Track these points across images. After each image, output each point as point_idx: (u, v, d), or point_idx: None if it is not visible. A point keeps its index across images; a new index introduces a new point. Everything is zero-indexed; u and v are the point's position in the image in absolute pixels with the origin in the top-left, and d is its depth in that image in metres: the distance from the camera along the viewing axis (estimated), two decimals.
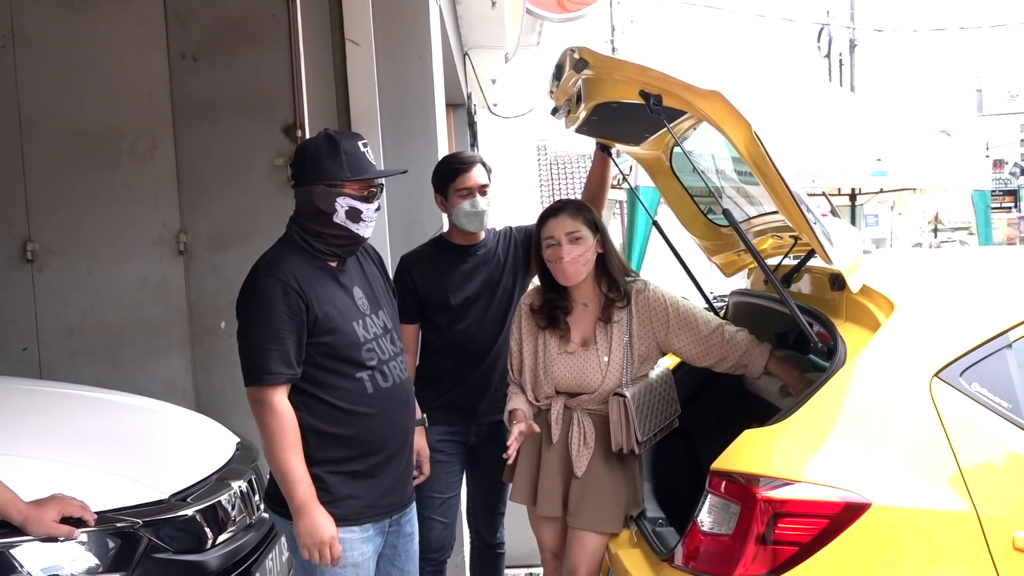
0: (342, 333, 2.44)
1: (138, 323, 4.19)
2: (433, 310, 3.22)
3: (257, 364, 2.35)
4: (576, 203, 2.86)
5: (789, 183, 2.20)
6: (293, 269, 2.41)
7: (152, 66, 4.14)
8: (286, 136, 4.05)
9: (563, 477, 2.78)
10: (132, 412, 3.25)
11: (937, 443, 2.10)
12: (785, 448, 2.16)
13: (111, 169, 4.15)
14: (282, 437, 2.34)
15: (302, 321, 2.38)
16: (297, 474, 2.35)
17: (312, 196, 2.44)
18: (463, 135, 10.41)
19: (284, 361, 2.35)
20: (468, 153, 3.29)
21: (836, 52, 22.90)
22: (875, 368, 2.20)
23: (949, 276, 2.70)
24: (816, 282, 2.72)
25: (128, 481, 2.62)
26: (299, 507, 2.36)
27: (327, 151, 2.43)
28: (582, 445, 2.73)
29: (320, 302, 2.42)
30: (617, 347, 2.73)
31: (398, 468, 2.56)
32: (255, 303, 2.39)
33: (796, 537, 2.05)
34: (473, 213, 3.17)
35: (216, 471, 2.92)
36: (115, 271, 4.18)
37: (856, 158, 7.27)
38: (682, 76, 2.31)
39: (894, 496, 2.05)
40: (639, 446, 2.70)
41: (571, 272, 2.73)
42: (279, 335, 2.35)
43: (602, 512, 2.73)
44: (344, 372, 2.44)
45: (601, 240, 2.77)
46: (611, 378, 2.72)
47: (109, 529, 2.44)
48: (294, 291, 2.37)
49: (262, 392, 2.35)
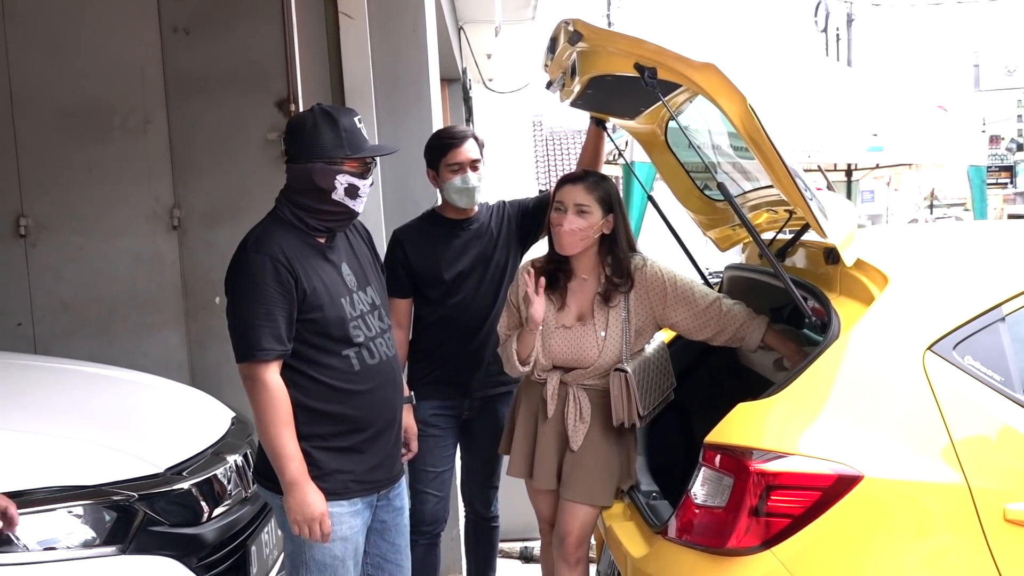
0: (330, 309, 2.43)
1: (132, 299, 4.19)
2: (426, 284, 3.21)
3: (248, 340, 2.34)
4: (598, 177, 2.84)
5: (784, 157, 2.20)
6: (282, 244, 2.40)
7: (144, 40, 4.11)
8: (279, 110, 4.03)
9: (558, 451, 2.80)
10: (127, 386, 3.26)
11: (930, 416, 2.11)
12: (778, 421, 2.17)
13: (104, 144, 4.13)
14: (274, 413, 2.34)
15: (292, 297, 2.37)
16: (288, 450, 2.35)
17: (311, 173, 2.42)
18: (458, 110, 10.37)
19: (275, 337, 2.34)
20: (460, 127, 3.28)
21: (833, 26, 22.79)
22: (868, 341, 2.20)
23: (943, 250, 2.70)
24: (811, 256, 2.72)
25: (123, 455, 2.64)
26: (290, 483, 2.36)
27: (327, 128, 2.41)
28: (578, 420, 2.75)
29: (308, 278, 2.41)
30: (615, 323, 2.73)
31: (386, 445, 2.56)
32: (244, 279, 2.38)
33: (789, 509, 2.07)
34: (464, 189, 3.16)
35: (211, 445, 2.94)
36: (108, 246, 4.17)
37: (852, 133, 7.26)
38: (677, 48, 2.30)
39: (886, 468, 2.06)
40: (640, 420, 2.72)
41: (565, 242, 2.73)
42: (270, 311, 2.34)
43: (595, 485, 2.75)
44: (331, 349, 2.44)
45: (613, 220, 2.75)
46: (607, 353, 2.73)
47: (105, 502, 2.46)
48: (283, 267, 2.36)
49: (253, 368, 2.35)
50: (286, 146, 2.51)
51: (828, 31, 22.55)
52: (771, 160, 2.24)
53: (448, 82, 9.92)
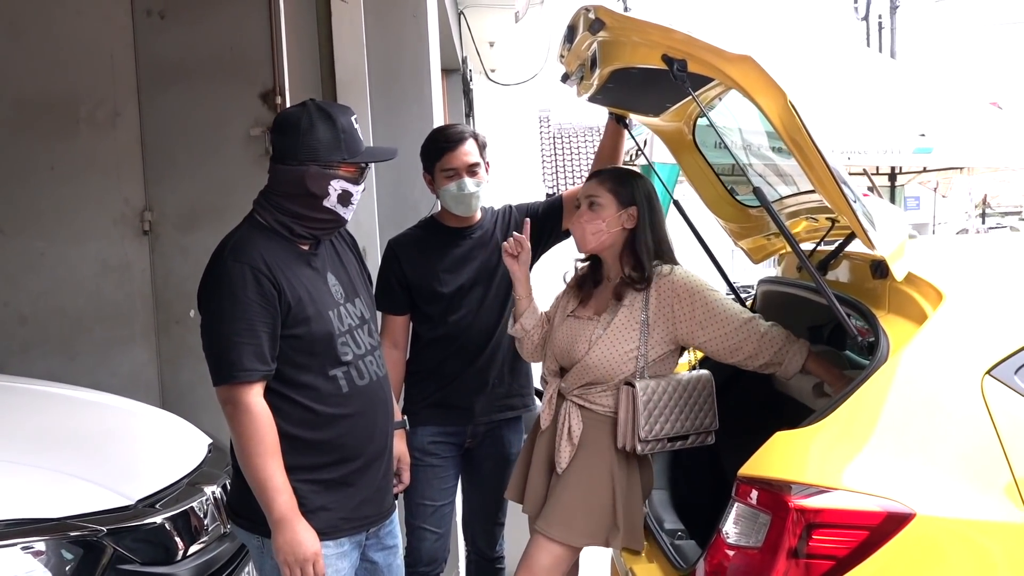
0: (316, 324, 2.42)
1: (98, 310, 4.20)
2: (424, 300, 3.22)
3: (228, 360, 2.31)
4: (613, 171, 2.91)
5: (827, 158, 2.21)
6: (263, 252, 2.38)
7: (114, 24, 4.13)
8: (264, 103, 4.05)
9: (548, 473, 2.83)
10: (95, 409, 3.27)
11: (989, 447, 2.11)
12: (821, 452, 2.17)
13: (68, 139, 4.15)
14: (259, 442, 2.31)
15: (276, 311, 2.35)
16: (276, 482, 2.32)
17: (304, 177, 2.40)
18: (457, 103, 10.40)
19: (258, 356, 2.31)
20: (459, 127, 3.28)
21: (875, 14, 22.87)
22: (921, 364, 2.21)
23: (1003, 264, 2.72)
24: (856, 269, 2.73)
25: (91, 485, 2.64)
26: (279, 520, 2.32)
27: (324, 128, 2.40)
28: (565, 438, 2.75)
29: (293, 289, 2.39)
30: (622, 326, 2.73)
31: (376, 476, 2.55)
32: (223, 292, 2.34)
33: (832, 550, 2.07)
34: (460, 196, 3.16)
35: (187, 475, 2.94)
36: (72, 252, 4.18)
37: (897, 133, 7.28)
38: (709, 39, 2.32)
39: (940, 506, 2.07)
40: (641, 444, 2.68)
41: (577, 236, 2.83)
42: (252, 327, 2.31)
43: (561, 517, 2.73)
44: (317, 369, 2.42)
45: (637, 214, 2.79)
46: (598, 354, 2.72)
47: (68, 538, 2.46)
48: (266, 277, 2.34)
49: (235, 391, 2.31)
50: (274, 144, 2.50)
51: (869, 19, 22.62)
52: (813, 163, 2.25)
53: (447, 73, 9.95)
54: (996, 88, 26.98)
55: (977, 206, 26.58)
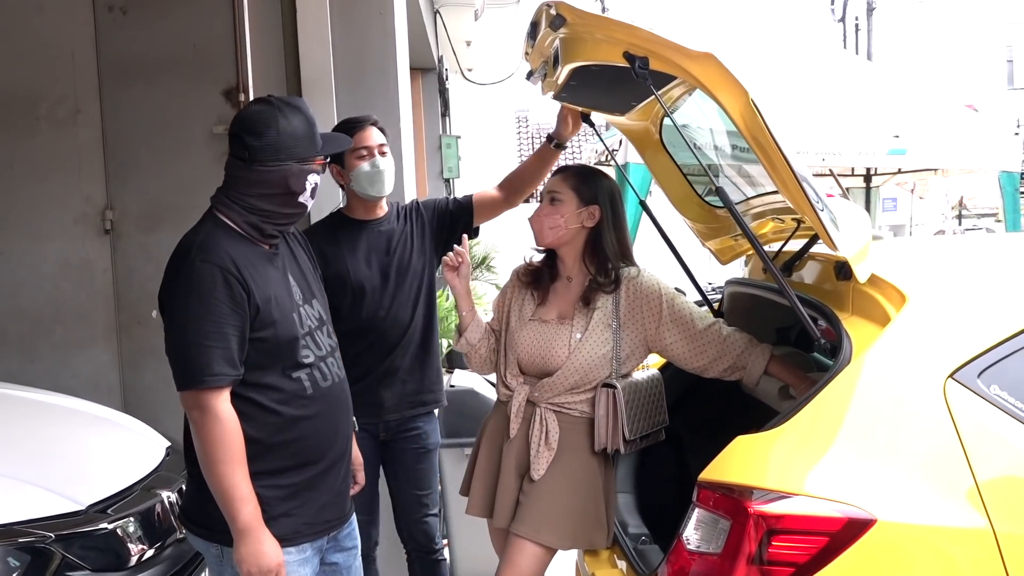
0: (282, 326, 2.37)
1: (58, 311, 4.16)
2: (333, 292, 3.16)
3: (196, 365, 2.24)
4: (579, 168, 2.91)
5: (790, 158, 2.19)
6: (229, 251, 2.31)
7: (75, 19, 4.10)
8: (227, 100, 4.02)
9: (519, 481, 2.78)
10: (47, 411, 3.23)
11: (951, 452, 2.09)
12: (781, 457, 2.15)
13: (27, 137, 4.12)
14: (225, 448, 2.24)
15: (245, 313, 2.29)
16: (242, 491, 2.26)
17: (287, 176, 2.35)
18: (433, 103, 10.37)
19: (227, 360, 2.25)
20: (361, 115, 3.33)
21: (852, 16, 22.99)
22: (883, 368, 2.19)
23: (968, 266, 2.70)
24: (820, 271, 2.71)
25: (39, 490, 2.62)
26: (243, 530, 2.26)
27: (299, 124, 2.36)
28: (542, 445, 2.71)
29: (261, 290, 2.34)
30: (596, 330, 2.72)
31: (336, 479, 2.52)
32: (191, 293, 2.27)
33: (792, 557, 2.04)
34: (375, 173, 3.21)
35: (142, 479, 2.92)
36: (32, 252, 4.15)
37: (871, 134, 7.28)
38: (672, 36, 2.29)
39: (902, 511, 2.05)
40: (626, 445, 2.69)
41: (535, 229, 2.82)
42: (221, 330, 2.25)
43: (547, 521, 2.70)
44: (281, 371, 2.38)
45: (599, 215, 2.77)
46: (578, 359, 2.70)
47: (15, 544, 2.42)
48: (235, 278, 2.28)
49: (203, 397, 2.25)
50: (245, 145, 2.35)
51: (846, 21, 22.75)
52: (775, 162, 2.23)
53: (422, 72, 9.92)
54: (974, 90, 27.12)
55: (954, 208, 26.76)
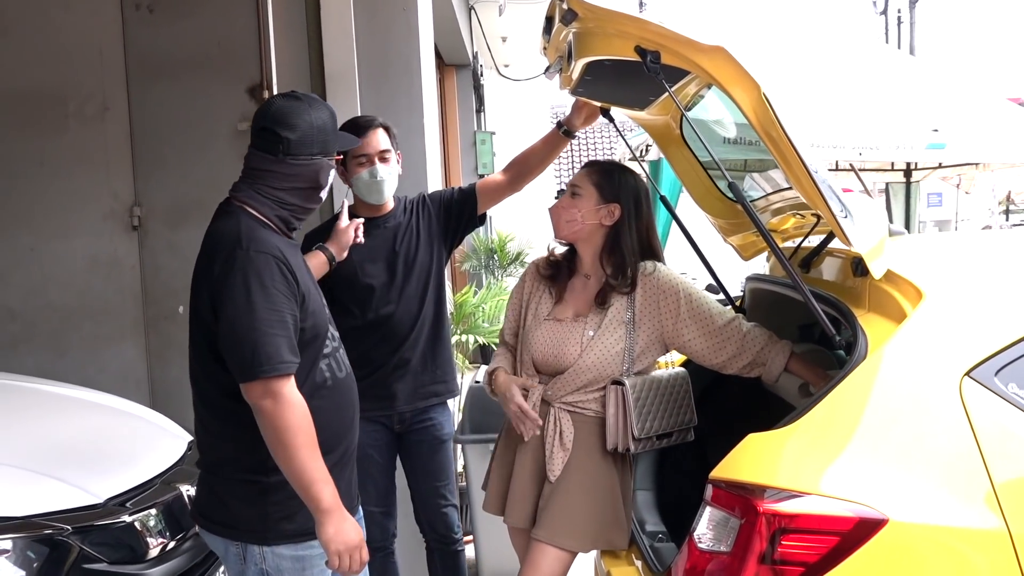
0: (318, 316, 2.42)
1: (87, 307, 4.21)
2: (343, 290, 3.23)
3: (265, 353, 2.22)
4: (605, 164, 2.88)
5: (802, 153, 2.15)
6: (276, 243, 2.33)
7: (103, 18, 4.13)
8: (251, 98, 4.05)
9: (536, 482, 2.76)
10: (70, 406, 3.26)
11: (966, 452, 2.05)
12: (793, 455, 2.12)
13: (57, 134, 4.16)
14: (304, 433, 2.24)
15: (296, 302, 2.32)
16: (323, 473, 2.27)
17: (318, 171, 2.40)
18: (467, 99, 10.37)
19: (291, 348, 2.26)
20: (369, 117, 3.33)
21: (894, 9, 22.67)
22: (898, 365, 2.16)
23: (987, 262, 2.65)
24: (838, 267, 2.68)
25: (57, 483, 2.64)
26: (327, 510, 2.26)
27: (329, 120, 2.42)
28: (557, 445, 2.70)
29: (303, 281, 2.37)
30: (611, 327, 2.70)
31: (347, 468, 2.53)
32: (251, 283, 2.25)
33: (802, 556, 2.02)
34: (372, 183, 3.23)
35: (162, 473, 2.93)
36: (61, 248, 4.19)
37: (910, 129, 7.17)
38: (683, 29, 2.26)
39: (915, 512, 2.01)
40: (635, 443, 2.66)
41: (553, 221, 2.81)
42: (283, 319, 2.26)
43: (567, 524, 2.69)
44: (311, 361, 2.39)
45: (621, 213, 2.74)
46: (591, 357, 2.68)
47: (35, 536, 2.45)
48: (287, 268, 2.31)
49: (275, 384, 2.23)
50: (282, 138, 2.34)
51: (888, 13, 22.42)
52: (787, 156, 2.20)
53: (456, 68, 9.93)
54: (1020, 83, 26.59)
55: (1001, 203, 26.25)
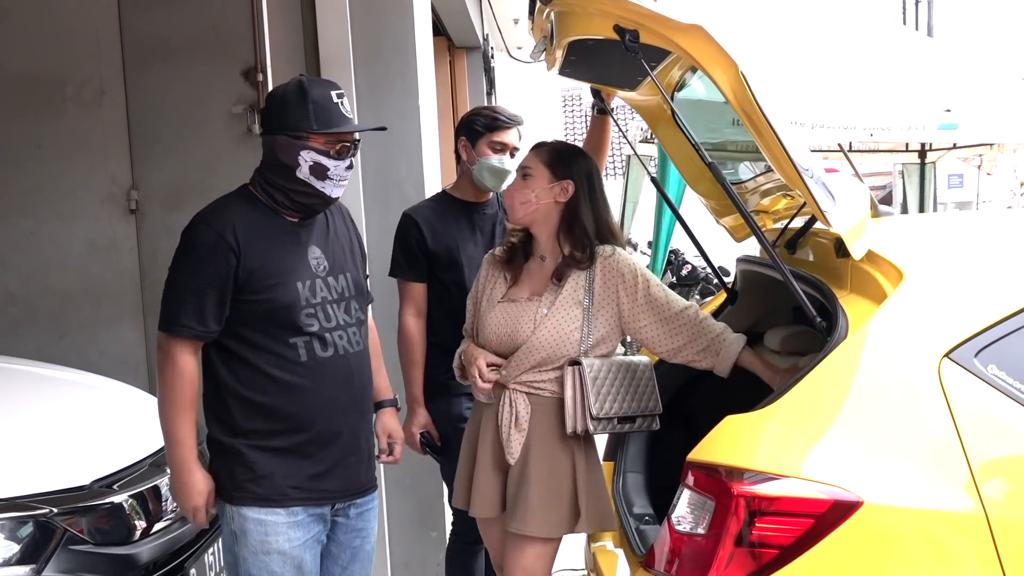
0: (279, 292, 2.49)
1: (86, 290, 4.21)
2: (441, 267, 3.31)
3: (172, 311, 2.47)
4: (553, 144, 2.85)
5: (780, 132, 2.14)
6: (234, 220, 2.49)
7: (99, 2, 4.11)
8: (246, 80, 4.02)
9: (499, 470, 2.73)
10: (61, 387, 3.28)
11: (944, 433, 2.05)
12: (769, 437, 2.12)
13: (54, 118, 4.14)
14: (177, 394, 2.47)
15: (228, 278, 2.46)
16: (180, 435, 2.48)
17: (275, 146, 2.52)
18: (478, 81, 10.31)
19: (197, 316, 2.44)
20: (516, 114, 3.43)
21: None
22: (877, 346, 2.15)
23: (969, 243, 2.62)
24: (822, 249, 2.66)
25: (45, 464, 2.66)
26: (175, 467, 2.50)
27: (294, 99, 2.50)
28: (513, 426, 2.67)
29: (258, 256, 2.48)
30: (565, 305, 2.67)
31: (338, 451, 2.55)
32: (185, 249, 2.50)
33: (776, 539, 2.02)
34: (499, 170, 3.30)
35: (151, 455, 2.94)
36: (60, 232, 4.19)
37: (921, 109, 7.09)
38: (662, 8, 2.25)
39: (890, 494, 2.01)
40: (594, 423, 2.61)
41: (508, 205, 2.82)
42: (200, 288, 2.45)
43: (539, 512, 2.64)
44: (276, 335, 2.49)
45: (573, 191, 2.72)
46: (545, 334, 2.65)
47: (19, 517, 2.47)
48: (226, 244, 2.45)
49: (167, 342, 2.48)
50: (260, 117, 2.64)
51: None
52: (766, 136, 2.18)
53: (466, 50, 9.88)
54: None
55: (1023, 184, 25.96)
